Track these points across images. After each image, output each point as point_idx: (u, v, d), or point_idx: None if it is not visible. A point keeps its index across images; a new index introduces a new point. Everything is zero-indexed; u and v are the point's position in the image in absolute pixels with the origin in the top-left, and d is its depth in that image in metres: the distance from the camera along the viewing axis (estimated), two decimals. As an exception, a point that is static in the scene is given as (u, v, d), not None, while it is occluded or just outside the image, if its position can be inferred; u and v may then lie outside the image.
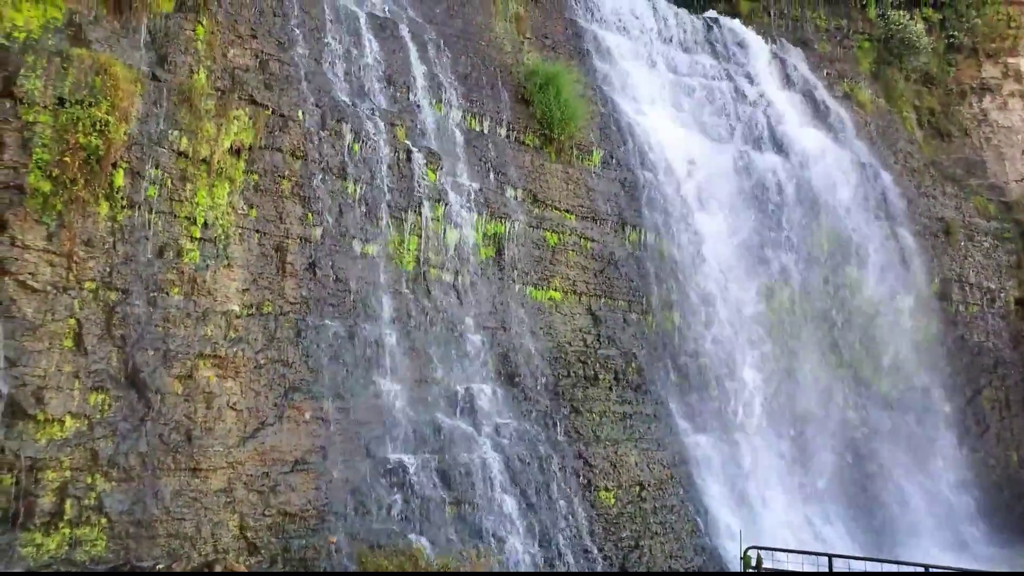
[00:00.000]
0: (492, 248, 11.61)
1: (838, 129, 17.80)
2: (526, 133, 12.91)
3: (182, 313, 8.18)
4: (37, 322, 7.23)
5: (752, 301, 14.61)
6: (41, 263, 7.37)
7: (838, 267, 15.93)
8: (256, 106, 9.24)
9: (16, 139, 7.41)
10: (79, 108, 7.70)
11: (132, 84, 8.19)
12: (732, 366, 13.84)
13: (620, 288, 12.81)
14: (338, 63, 10.58)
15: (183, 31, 9.11)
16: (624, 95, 15.24)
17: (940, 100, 20.77)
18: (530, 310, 11.65)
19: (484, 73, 12.75)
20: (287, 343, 8.88)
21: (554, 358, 11.46)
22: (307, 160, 9.59)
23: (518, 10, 14.52)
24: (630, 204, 13.67)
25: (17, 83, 7.48)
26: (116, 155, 7.91)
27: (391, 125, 10.70)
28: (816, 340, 15.20)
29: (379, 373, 9.50)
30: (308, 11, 10.50)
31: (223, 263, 8.62)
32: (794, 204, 15.72)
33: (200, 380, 8.11)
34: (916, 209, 17.72)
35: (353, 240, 9.98)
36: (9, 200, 7.31)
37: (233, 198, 8.85)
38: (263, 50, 9.69)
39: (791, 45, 19.14)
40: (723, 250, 14.57)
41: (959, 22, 21.07)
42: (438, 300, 10.58)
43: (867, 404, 15.44)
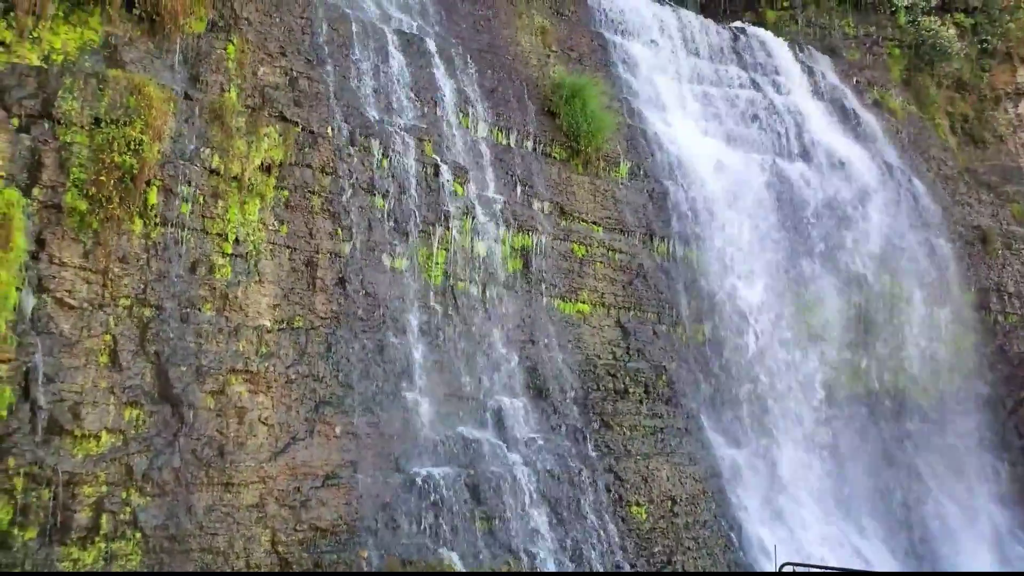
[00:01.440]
0: (519, 261, 11.59)
1: (869, 137, 17.55)
2: (553, 146, 12.91)
3: (214, 328, 8.27)
4: (74, 338, 7.35)
5: (783, 312, 14.40)
6: (78, 280, 7.50)
7: (871, 276, 15.66)
8: (286, 123, 9.34)
9: (54, 159, 7.57)
10: (114, 128, 7.85)
11: (165, 103, 8.34)
12: (764, 378, 13.64)
13: (649, 300, 12.71)
14: (366, 79, 10.67)
15: (214, 50, 9.27)
16: (651, 106, 15.18)
17: (973, 106, 20.40)
18: (558, 323, 11.60)
19: (510, 87, 12.78)
20: (317, 358, 8.93)
21: (583, 371, 11.39)
22: (337, 176, 9.66)
23: (544, 24, 14.55)
24: (658, 215, 13.59)
25: (55, 104, 7.65)
26: (150, 173, 8.04)
27: (419, 140, 10.75)
28: (850, 351, 14.94)
29: (408, 387, 9.51)
30: (336, 29, 10.62)
31: (254, 279, 8.70)
32: (825, 213, 15.50)
33: (232, 395, 8.18)
34: (951, 217, 17.38)
35: (382, 254, 10.02)
36: (47, 219, 7.45)
37: (264, 214, 8.95)
38: (293, 68, 9.80)
39: (819, 53, 18.93)
40: (753, 260, 14.39)
41: (992, 27, 20.70)
42: (466, 314, 10.57)
43: (903, 417, 15.12)
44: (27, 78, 7.69)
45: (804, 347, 14.36)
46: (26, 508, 6.83)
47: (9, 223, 6.95)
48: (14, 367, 6.93)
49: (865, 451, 14.25)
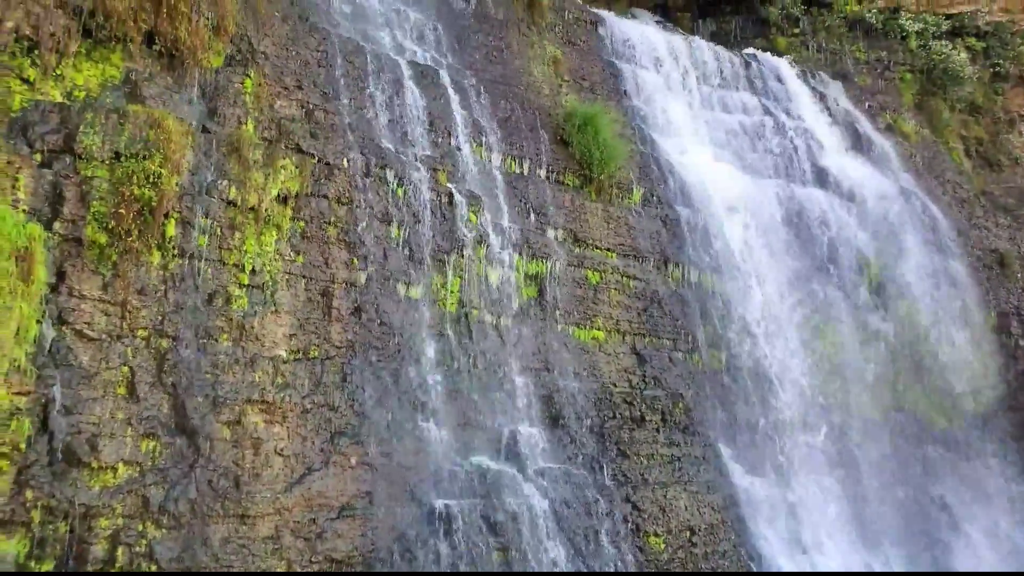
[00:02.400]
0: (534, 288, 11.59)
1: (882, 161, 17.52)
2: (565, 173, 12.96)
3: (231, 359, 8.29)
4: (92, 370, 7.39)
5: (800, 337, 14.29)
6: (97, 312, 7.57)
7: (888, 301, 15.53)
8: (303, 155, 9.45)
9: (75, 193, 7.68)
10: (134, 161, 7.96)
11: (184, 137, 8.46)
12: (782, 405, 13.50)
13: (664, 326, 12.65)
14: (381, 111, 10.79)
15: (232, 84, 9.42)
16: (663, 133, 15.25)
17: (988, 129, 20.34)
18: (573, 350, 11.55)
19: (523, 116, 12.88)
20: (333, 388, 8.92)
21: (599, 399, 11.31)
22: (352, 206, 9.74)
23: (555, 53, 14.70)
24: (672, 241, 13.57)
25: (77, 139, 7.79)
26: (168, 206, 8.13)
27: (433, 170, 10.84)
28: (869, 377, 14.77)
29: (423, 417, 9.48)
30: (351, 61, 10.77)
31: (271, 309, 8.75)
32: (840, 238, 15.44)
33: (248, 426, 8.18)
34: (968, 241, 17.26)
35: (397, 283, 10.05)
36: (68, 252, 7.55)
37: (280, 245, 9.01)
38: (309, 100, 9.94)
39: (830, 79, 18.98)
40: (768, 285, 14.33)
41: (1004, 50, 20.71)
42: (480, 342, 10.56)
43: (926, 443, 14.89)
44: (50, 114, 7.85)
45: (822, 373, 14.22)
46: (43, 541, 6.83)
47: (31, 257, 7.04)
48: (33, 399, 6.97)
49: (887, 478, 14.02)
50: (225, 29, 9.54)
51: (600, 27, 16.27)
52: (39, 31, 7.98)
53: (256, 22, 10.06)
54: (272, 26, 10.18)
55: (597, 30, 16.17)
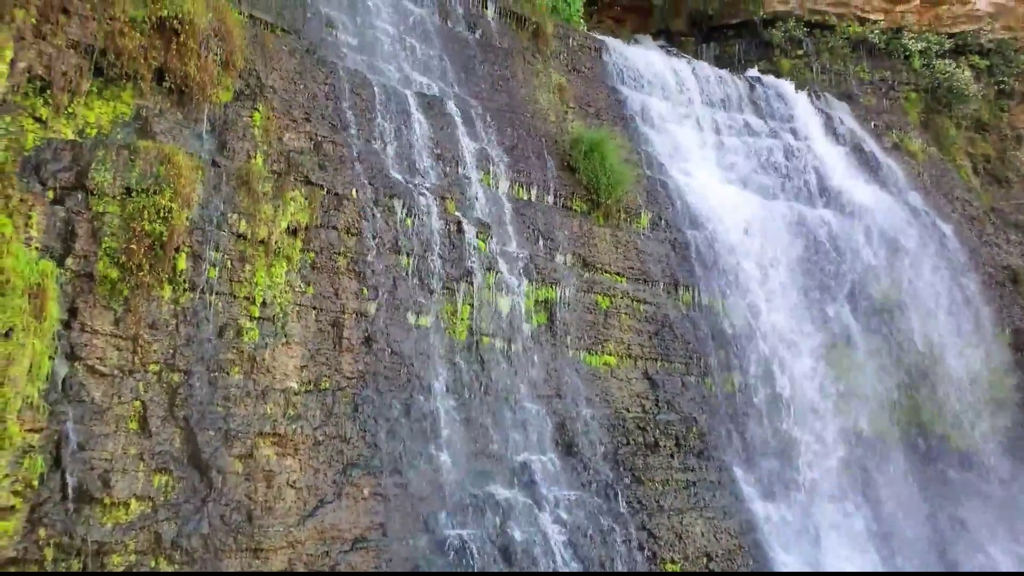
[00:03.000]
0: (544, 314, 11.56)
1: (890, 180, 17.51)
2: (573, 199, 13.00)
3: (242, 392, 8.28)
4: (104, 406, 7.39)
5: (813, 358, 14.18)
6: (109, 347, 7.58)
7: (900, 321, 15.41)
8: (312, 186, 9.51)
9: (87, 229, 7.74)
10: (145, 197, 8.02)
11: (194, 171, 8.52)
12: (796, 428, 13.36)
13: (676, 350, 12.58)
14: (389, 141, 10.87)
15: (241, 118, 9.51)
16: (670, 157, 15.30)
17: (995, 146, 20.33)
18: (585, 376, 11.49)
19: (530, 143, 12.95)
20: (345, 418, 8.88)
21: (612, 425, 11.22)
22: (362, 236, 9.77)
23: (561, 81, 14.82)
24: (682, 264, 13.55)
25: (89, 176, 7.85)
26: (179, 240, 8.17)
27: (441, 198, 10.88)
28: (884, 397, 14.62)
29: (436, 446, 9.42)
30: (359, 93, 10.88)
31: (281, 341, 8.74)
32: (850, 258, 15.38)
33: (260, 459, 8.14)
34: (979, 258, 17.16)
35: (407, 312, 10.04)
36: (80, 288, 7.58)
37: (291, 276, 9.03)
38: (317, 132, 10.02)
39: (835, 99, 19.06)
40: (779, 307, 14.26)
41: (1008, 68, 20.77)
42: (491, 369, 10.51)
43: (944, 465, 14.68)
44: (62, 152, 7.93)
45: (836, 394, 14.08)
46: (56, 579, 6.78)
47: (43, 293, 7.07)
48: (46, 436, 6.96)
49: (906, 501, 13.80)
50: (234, 64, 9.66)
51: (604, 54, 16.41)
52: (51, 71, 8.09)
53: (264, 57, 10.18)
54: (280, 60, 10.31)
55: (601, 57, 16.30)
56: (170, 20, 8.93)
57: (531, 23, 14.98)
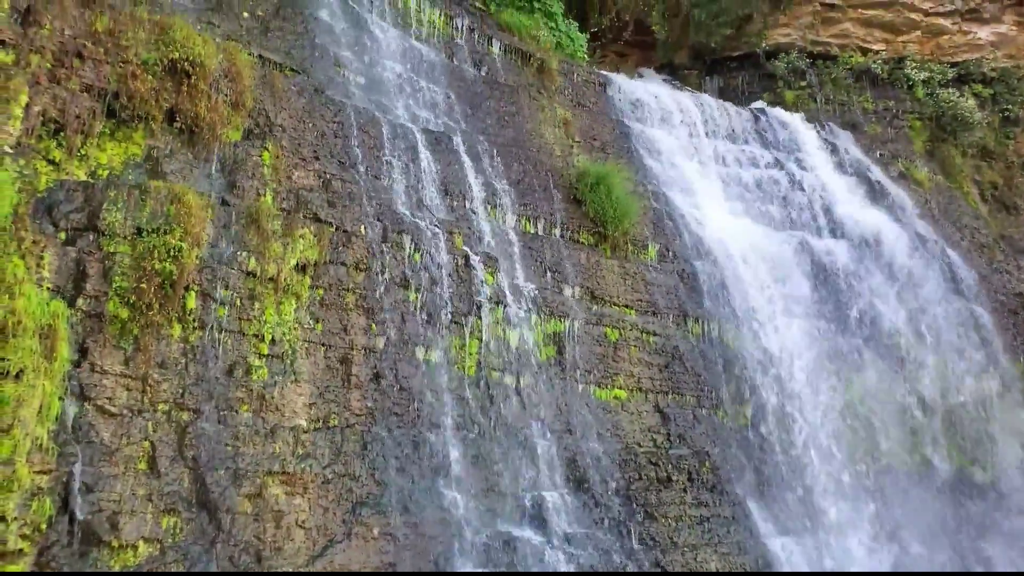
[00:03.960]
0: (553, 348, 11.52)
1: (897, 209, 17.48)
2: (580, 232, 13.02)
3: (251, 431, 8.24)
4: (113, 446, 7.36)
5: (825, 390, 14.04)
6: (118, 387, 7.57)
7: (912, 350, 15.27)
8: (320, 224, 9.56)
9: (98, 269, 7.78)
10: (155, 236, 8.08)
11: (203, 210, 8.59)
12: (811, 460, 13.18)
13: (687, 383, 12.49)
14: (397, 178, 10.95)
15: (250, 157, 9.61)
16: (676, 189, 15.34)
17: (1001, 173, 20.32)
18: (595, 410, 11.40)
19: (536, 177, 13.02)
20: (354, 456, 8.82)
21: (623, 460, 11.10)
22: (370, 272, 9.80)
23: (566, 115, 14.95)
24: (691, 296, 13.51)
25: (100, 217, 7.93)
26: (188, 279, 8.21)
27: (449, 233, 10.92)
28: (899, 428, 14.43)
29: (445, 484, 9.32)
30: (367, 131, 10.99)
31: (290, 378, 8.73)
32: (859, 287, 15.30)
33: (269, 498, 8.07)
34: (990, 286, 17.04)
35: (415, 347, 10.02)
36: (90, 328, 7.60)
37: (299, 314, 9.05)
38: (326, 170, 10.11)
39: (840, 129, 19.13)
40: (789, 338, 14.16)
41: (1012, 96, 20.84)
42: (501, 404, 10.44)
43: (963, 497, 14.42)
44: (75, 193, 8.02)
45: (850, 425, 13.91)
46: (62, 624, 6.70)
47: (54, 334, 7.09)
48: (54, 478, 6.93)
49: (927, 536, 13.53)
50: (243, 104, 9.80)
51: (608, 88, 16.57)
52: (65, 114, 8.22)
53: (273, 96, 10.32)
54: (289, 99, 10.44)
55: (606, 91, 16.46)
56: (181, 62, 9.08)
57: (536, 59, 15.16)
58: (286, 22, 11.62)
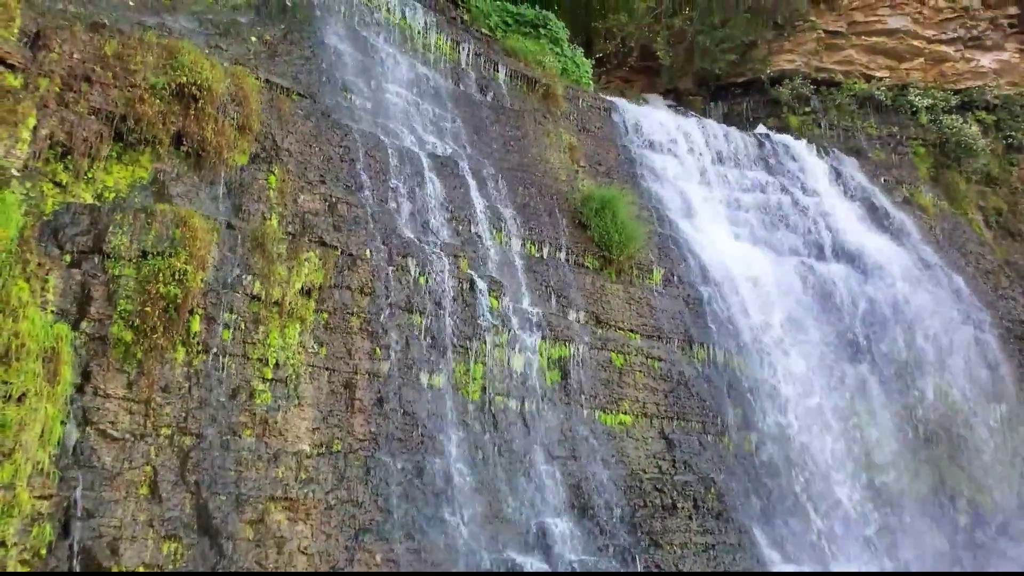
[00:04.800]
0: (557, 372, 11.45)
1: (902, 234, 17.47)
2: (585, 256, 13.00)
3: (254, 455, 8.17)
4: (115, 471, 7.29)
5: (832, 416, 13.93)
6: (121, 411, 7.52)
7: (919, 377, 15.16)
8: (326, 247, 9.55)
9: (102, 292, 7.77)
10: (160, 259, 8.07)
11: (209, 233, 8.59)
12: (817, 487, 13.03)
13: (692, 409, 12.39)
14: (403, 202, 10.97)
15: (256, 181, 9.63)
16: (681, 214, 15.36)
17: (1006, 199, 20.31)
18: (600, 436, 11.30)
19: (541, 202, 13.04)
20: (357, 482, 8.73)
21: (628, 487, 10.98)
22: (375, 296, 9.77)
23: (571, 140, 15.01)
24: (696, 321, 13.45)
25: (106, 240, 7.93)
26: (193, 302, 8.19)
27: (454, 257, 10.91)
28: (906, 455, 14.28)
29: (449, 510, 9.21)
30: (373, 155, 11.02)
31: (294, 403, 8.67)
32: (865, 313, 15.24)
33: (271, 524, 7.98)
34: (996, 312, 16.96)
35: (420, 372, 9.96)
36: (94, 351, 7.57)
37: (304, 337, 9.01)
38: (332, 194, 10.13)
39: (844, 155, 19.18)
40: (794, 363, 14.08)
41: (1015, 123, 20.90)
42: (505, 430, 10.36)
43: (971, 526, 14.24)
44: (80, 216, 8.03)
45: (856, 452, 13.78)
46: (60, 653, 6.59)
47: (57, 357, 7.05)
48: (55, 503, 6.86)
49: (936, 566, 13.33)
50: (250, 128, 9.84)
51: (614, 113, 16.65)
52: (73, 137, 8.25)
53: (280, 120, 10.37)
54: (296, 124, 10.49)
55: (611, 117, 16.54)
56: (189, 86, 9.13)
57: (542, 85, 15.26)
58: (294, 47, 11.73)
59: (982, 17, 21.59)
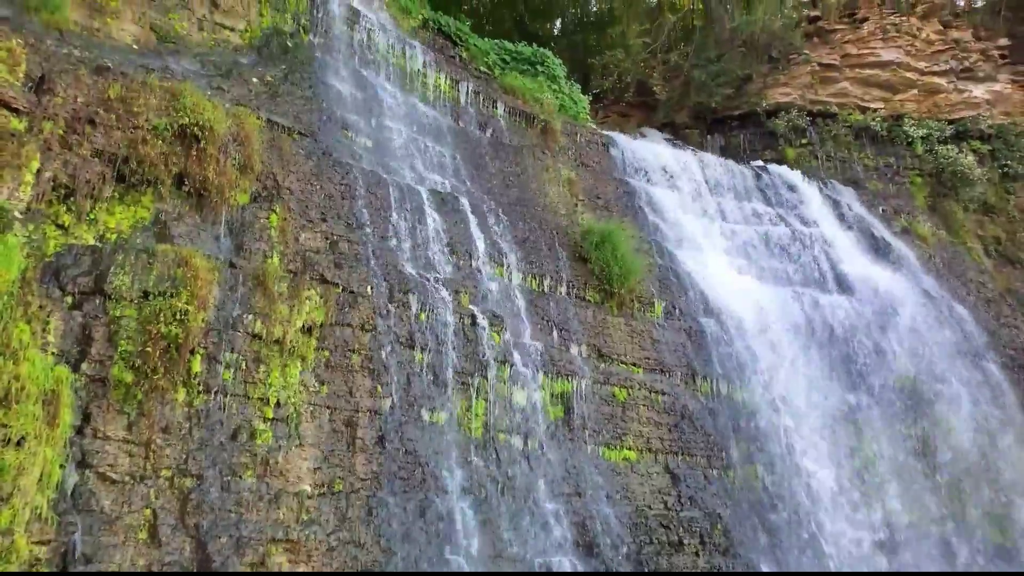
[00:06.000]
0: (560, 408, 11.37)
1: (902, 264, 17.48)
2: (586, 289, 13.00)
3: (255, 496, 8.07)
4: (114, 515, 7.20)
5: (836, 448, 13.79)
6: (120, 454, 7.45)
7: (923, 408, 15.04)
8: (327, 285, 9.55)
9: (103, 333, 7.75)
10: (162, 300, 8.07)
11: (210, 273, 8.59)
12: (824, 521, 12.86)
13: (697, 443, 12.28)
14: (404, 238, 11.00)
15: (258, 220, 9.67)
16: (680, 246, 15.39)
17: (1004, 228, 20.38)
18: (604, 472, 11.18)
19: (541, 236, 13.07)
20: (359, 522, 8.62)
21: (634, 524, 10.84)
22: (376, 332, 9.74)
23: (570, 175, 15.11)
24: (698, 353, 13.40)
25: (107, 280, 7.93)
26: (194, 342, 8.16)
27: (455, 292, 10.91)
28: (914, 489, 14.11)
29: (452, 550, 9.08)
30: (374, 192, 11.08)
31: (295, 442, 8.59)
32: (867, 344, 15.17)
33: (272, 567, 7.85)
34: (999, 341, 16.90)
35: (421, 409, 9.89)
36: (94, 393, 7.52)
37: (305, 376, 8.96)
38: (333, 232, 10.16)
39: (842, 186, 19.30)
40: (798, 395, 13.98)
41: (1010, 152, 21.05)
42: (508, 468, 10.25)
43: (981, 556, 14.02)
44: (82, 257, 8.04)
45: (862, 484, 13.61)
46: None
47: (57, 400, 7.00)
48: (53, 549, 6.76)
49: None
50: (251, 168, 9.91)
51: (611, 148, 16.78)
52: (76, 179, 8.30)
53: (281, 159, 10.44)
54: (297, 162, 10.56)
55: (609, 151, 16.67)
56: (191, 127, 9.21)
57: (540, 121, 15.41)
58: (295, 87, 11.86)
59: (973, 49, 21.88)
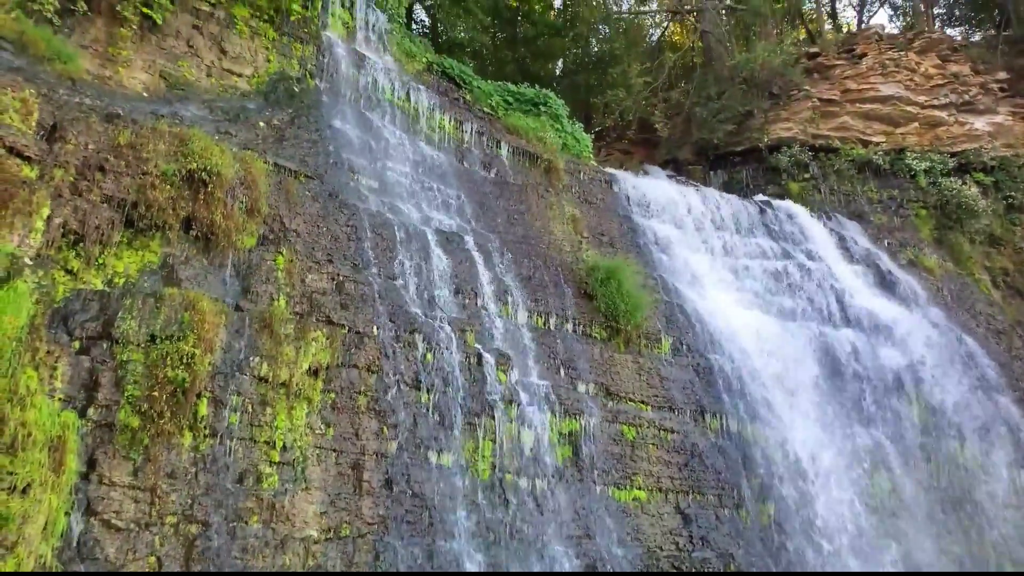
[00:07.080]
0: (568, 448, 11.26)
1: (910, 297, 17.41)
2: (592, 327, 12.97)
3: (261, 542, 7.98)
4: (118, 563, 7.12)
5: (848, 485, 13.59)
6: (126, 500, 7.40)
7: (936, 443, 14.85)
8: (333, 326, 9.56)
9: (110, 378, 7.74)
10: (168, 343, 8.07)
11: (217, 316, 8.61)
12: (838, 560, 12.61)
13: (708, 481, 12.12)
14: (409, 278, 11.03)
15: (265, 262, 9.72)
16: (686, 282, 15.37)
17: (1011, 259, 20.31)
18: (614, 513, 11.03)
19: (547, 273, 13.09)
20: (366, 568, 8.49)
21: (646, 566, 10.65)
22: (382, 374, 9.72)
23: (574, 212, 15.18)
24: (707, 391, 13.29)
25: (115, 325, 7.95)
26: (200, 386, 8.15)
27: (461, 331, 10.89)
28: (928, 523, 13.88)
29: (461, 595, 8.94)
30: (380, 233, 11.15)
31: (301, 486, 8.52)
32: (877, 378, 15.04)
33: (277, 615, 7.74)
34: (1011, 373, 16.74)
35: (428, 451, 9.81)
36: (100, 438, 7.50)
37: (311, 418, 8.92)
38: (339, 273, 10.19)
39: (846, 219, 19.32)
40: (809, 431, 13.83)
41: (1013, 183, 21.09)
42: (516, 510, 10.11)
43: (1002, 595, 13.73)
44: (90, 302, 8.08)
45: (876, 521, 13.38)
46: None
47: (63, 446, 6.98)
48: (56, 599, 6.68)
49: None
50: (258, 211, 10.00)
51: (615, 185, 16.88)
52: (85, 225, 8.39)
53: (288, 202, 10.53)
54: (303, 205, 10.65)
55: (612, 188, 16.77)
56: (199, 172, 9.33)
57: (543, 160, 15.54)
58: (301, 130, 12.01)
59: (972, 83, 22.07)
